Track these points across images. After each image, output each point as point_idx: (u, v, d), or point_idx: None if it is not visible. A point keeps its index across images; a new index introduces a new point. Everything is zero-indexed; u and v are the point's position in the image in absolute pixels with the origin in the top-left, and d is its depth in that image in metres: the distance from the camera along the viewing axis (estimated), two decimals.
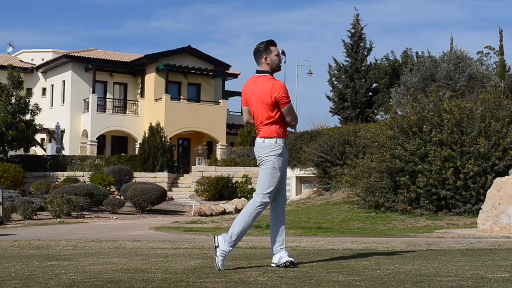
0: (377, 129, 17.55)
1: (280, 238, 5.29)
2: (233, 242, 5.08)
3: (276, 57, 5.26)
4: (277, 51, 5.28)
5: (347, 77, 38.42)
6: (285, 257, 5.22)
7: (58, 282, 4.41)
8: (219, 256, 5.02)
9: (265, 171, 5.19)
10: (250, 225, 5.17)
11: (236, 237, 5.09)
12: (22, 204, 19.31)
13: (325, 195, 21.49)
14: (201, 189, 28.48)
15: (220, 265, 5.01)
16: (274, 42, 5.30)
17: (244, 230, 5.12)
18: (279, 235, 5.30)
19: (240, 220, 5.13)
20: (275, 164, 5.18)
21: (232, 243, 5.08)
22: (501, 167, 14.86)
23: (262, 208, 5.17)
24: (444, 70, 28.35)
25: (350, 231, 12.73)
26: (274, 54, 5.25)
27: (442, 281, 4.37)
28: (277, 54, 5.27)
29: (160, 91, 36.69)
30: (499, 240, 9.75)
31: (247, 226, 5.13)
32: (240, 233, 5.10)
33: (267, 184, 5.16)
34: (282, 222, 5.35)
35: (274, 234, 5.32)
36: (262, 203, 5.15)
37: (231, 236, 5.08)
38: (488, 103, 15.92)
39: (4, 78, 32.61)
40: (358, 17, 39.20)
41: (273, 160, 5.18)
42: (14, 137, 30.00)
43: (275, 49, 5.28)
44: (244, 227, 5.11)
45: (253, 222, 5.18)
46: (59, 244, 9.14)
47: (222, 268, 5.00)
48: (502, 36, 35.03)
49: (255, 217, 5.15)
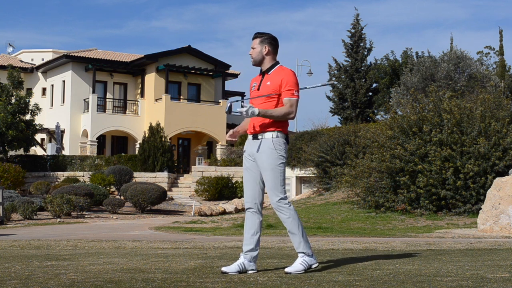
0: (377, 129, 17.54)
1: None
2: (309, 251, 5.02)
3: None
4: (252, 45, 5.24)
5: (347, 77, 38.41)
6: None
7: (58, 282, 4.41)
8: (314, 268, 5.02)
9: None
10: (299, 222, 5.08)
11: (304, 243, 5.02)
12: (22, 204, 19.31)
13: (325, 195, 21.48)
14: (201, 189, 28.47)
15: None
16: (254, 35, 5.25)
17: (302, 230, 5.06)
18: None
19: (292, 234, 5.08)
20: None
21: (309, 252, 5.02)
22: (501, 167, 14.86)
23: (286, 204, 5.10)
24: (444, 70, 28.34)
25: (350, 231, 12.73)
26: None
27: (442, 281, 4.37)
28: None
29: (160, 91, 36.69)
30: (499, 240, 9.75)
31: (299, 226, 5.07)
32: (303, 236, 5.04)
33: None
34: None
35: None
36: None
37: (302, 252, 5.02)
38: (488, 103, 15.92)
39: (4, 78, 32.61)
40: (358, 17, 39.19)
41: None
42: (14, 137, 29.99)
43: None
44: (300, 229, 5.06)
45: (298, 218, 5.09)
46: (59, 244, 9.14)
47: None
48: (502, 36, 35.09)
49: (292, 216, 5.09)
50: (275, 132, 5.04)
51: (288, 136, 5.15)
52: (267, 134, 5.05)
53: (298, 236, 4.98)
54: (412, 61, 33.53)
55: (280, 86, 5.05)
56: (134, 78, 38.55)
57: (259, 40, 5.18)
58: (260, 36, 5.20)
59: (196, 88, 38.91)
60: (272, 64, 5.17)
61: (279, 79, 5.07)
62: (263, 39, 5.18)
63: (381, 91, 38.69)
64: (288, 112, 5.01)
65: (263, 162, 5.04)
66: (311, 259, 4.99)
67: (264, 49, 5.16)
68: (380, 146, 16.58)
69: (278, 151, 5.02)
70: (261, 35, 5.21)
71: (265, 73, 5.17)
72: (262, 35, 5.20)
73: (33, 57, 42.08)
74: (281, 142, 5.05)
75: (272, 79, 5.10)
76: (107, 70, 37.55)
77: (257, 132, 5.09)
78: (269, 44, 5.17)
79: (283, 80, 5.05)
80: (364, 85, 38.15)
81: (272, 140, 5.04)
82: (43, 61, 40.32)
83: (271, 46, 5.18)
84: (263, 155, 5.04)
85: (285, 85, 5.03)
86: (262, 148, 5.05)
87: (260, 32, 5.23)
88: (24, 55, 42.83)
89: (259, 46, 5.17)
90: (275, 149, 5.02)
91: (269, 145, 5.03)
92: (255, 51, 5.18)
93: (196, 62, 37.98)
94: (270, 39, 5.19)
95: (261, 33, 5.23)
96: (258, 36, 5.20)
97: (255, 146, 5.09)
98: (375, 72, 39.05)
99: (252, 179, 5.12)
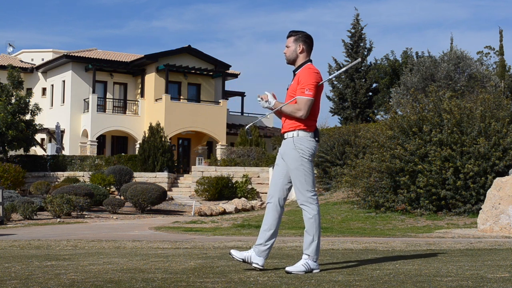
0: (377, 129, 17.55)
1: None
2: (315, 257, 5.01)
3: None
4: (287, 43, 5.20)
5: (347, 77, 38.42)
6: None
7: (58, 282, 4.41)
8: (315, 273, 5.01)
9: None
10: (318, 227, 5.05)
11: (315, 248, 5.01)
12: (22, 204, 19.30)
13: (325, 195, 21.49)
14: (201, 189, 28.47)
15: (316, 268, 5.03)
16: (289, 33, 5.22)
17: (318, 235, 5.05)
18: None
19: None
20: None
21: (315, 257, 5.01)
22: (501, 167, 14.86)
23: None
24: (444, 70, 28.35)
25: (350, 231, 12.73)
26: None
27: (442, 281, 4.37)
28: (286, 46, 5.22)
29: (160, 91, 36.69)
30: (499, 240, 9.74)
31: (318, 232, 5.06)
32: (316, 241, 5.03)
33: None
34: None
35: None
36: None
37: (309, 254, 5.01)
38: (488, 103, 15.93)
39: (4, 78, 32.60)
40: (358, 17, 39.22)
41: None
42: (14, 137, 29.99)
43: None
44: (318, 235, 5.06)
45: (318, 222, 5.06)
46: (59, 244, 9.14)
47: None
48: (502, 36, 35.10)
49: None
50: (296, 131, 5.03)
51: (316, 132, 5.08)
52: (289, 134, 5.06)
53: (311, 238, 4.98)
54: (412, 61, 33.54)
55: (298, 85, 5.05)
56: (134, 78, 38.55)
57: (294, 38, 5.14)
58: (295, 34, 5.16)
59: (196, 88, 38.90)
60: (302, 63, 5.13)
61: (299, 78, 5.06)
62: (298, 37, 5.14)
63: (381, 91, 38.71)
64: (295, 109, 4.98)
65: (287, 163, 5.06)
66: (314, 264, 4.98)
67: (299, 48, 5.12)
68: (380, 146, 16.59)
69: (299, 150, 4.99)
70: (295, 33, 5.17)
71: (294, 72, 5.16)
72: (297, 33, 5.16)
73: (33, 57, 42.07)
74: (303, 140, 5.00)
75: (297, 78, 5.09)
76: (107, 70, 37.54)
77: (284, 132, 5.12)
78: (303, 42, 5.13)
79: (300, 79, 5.03)
80: (364, 85, 38.16)
81: (293, 139, 5.03)
82: (43, 61, 40.32)
83: (305, 44, 5.13)
84: (286, 156, 5.07)
85: (300, 84, 5.01)
86: (286, 149, 5.08)
87: (294, 30, 5.19)
88: (24, 55, 42.83)
89: (294, 45, 5.13)
90: (295, 148, 5.01)
91: (291, 145, 5.04)
92: (290, 50, 5.14)
93: (196, 62, 37.98)
94: (305, 37, 5.15)
95: (296, 31, 5.19)
96: (292, 35, 5.16)
97: (283, 146, 5.14)
98: (375, 72, 39.07)
99: (277, 175, 5.14)
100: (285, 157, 5.08)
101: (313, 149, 5.04)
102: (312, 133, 5.03)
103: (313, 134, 5.04)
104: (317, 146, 5.11)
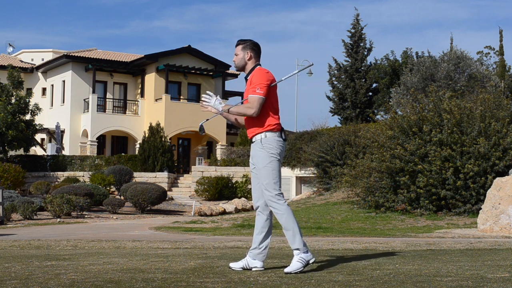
0: (377, 129, 17.54)
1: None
2: (303, 248, 5.04)
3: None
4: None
5: (347, 77, 38.41)
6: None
7: (58, 282, 4.41)
8: (312, 263, 5.07)
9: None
10: (293, 219, 5.09)
11: (299, 239, 5.03)
12: (22, 204, 19.30)
13: (325, 195, 21.49)
14: (201, 189, 28.47)
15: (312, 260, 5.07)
16: (237, 42, 5.40)
17: (297, 226, 5.08)
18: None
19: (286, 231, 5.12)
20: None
21: (304, 248, 5.04)
22: (501, 167, 14.86)
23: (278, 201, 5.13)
24: (444, 70, 28.33)
25: (350, 231, 12.73)
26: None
27: (442, 281, 4.37)
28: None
29: (160, 91, 36.69)
30: (499, 240, 9.75)
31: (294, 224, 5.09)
32: (297, 232, 5.07)
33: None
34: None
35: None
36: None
37: (297, 248, 5.05)
38: (488, 103, 15.92)
39: (4, 78, 32.60)
40: (358, 17, 39.19)
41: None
42: (14, 137, 29.99)
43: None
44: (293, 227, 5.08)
45: (291, 215, 5.10)
46: (59, 244, 9.14)
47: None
48: (502, 36, 35.11)
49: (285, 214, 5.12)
50: (263, 133, 5.18)
51: (282, 132, 5.23)
52: (257, 137, 5.21)
53: (292, 233, 5.05)
54: (412, 61, 33.53)
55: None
56: (134, 78, 38.56)
57: (242, 46, 5.36)
58: (243, 43, 5.38)
59: (196, 88, 38.91)
60: (251, 68, 5.33)
61: (251, 80, 5.24)
62: (246, 45, 5.36)
63: (381, 91, 38.69)
64: (246, 107, 5.15)
65: (256, 164, 5.20)
66: (307, 255, 5.04)
67: (247, 55, 5.33)
68: (380, 146, 16.58)
69: (267, 150, 5.14)
70: (243, 41, 5.39)
71: (246, 78, 5.36)
72: (245, 42, 5.38)
73: (33, 57, 42.08)
74: (271, 140, 5.15)
75: (249, 82, 5.27)
76: (107, 70, 37.55)
77: (251, 136, 5.27)
78: (251, 49, 5.34)
79: (252, 80, 5.22)
80: (364, 85, 38.14)
81: (261, 141, 5.17)
82: (43, 61, 40.33)
83: (253, 51, 5.34)
84: (255, 158, 5.23)
85: (252, 84, 5.19)
86: (254, 151, 5.24)
87: (242, 39, 5.43)
88: (24, 55, 42.84)
89: (242, 53, 5.35)
90: (263, 148, 5.15)
91: (258, 145, 5.19)
92: (238, 57, 5.36)
93: (196, 62, 37.99)
94: (252, 45, 5.37)
95: (244, 40, 5.42)
96: (240, 43, 5.39)
97: (251, 149, 5.30)
98: (375, 72, 39.05)
99: (255, 179, 5.29)
100: (254, 159, 5.23)
101: (281, 148, 5.19)
102: (278, 132, 5.20)
103: (280, 134, 5.20)
104: (285, 146, 5.26)
